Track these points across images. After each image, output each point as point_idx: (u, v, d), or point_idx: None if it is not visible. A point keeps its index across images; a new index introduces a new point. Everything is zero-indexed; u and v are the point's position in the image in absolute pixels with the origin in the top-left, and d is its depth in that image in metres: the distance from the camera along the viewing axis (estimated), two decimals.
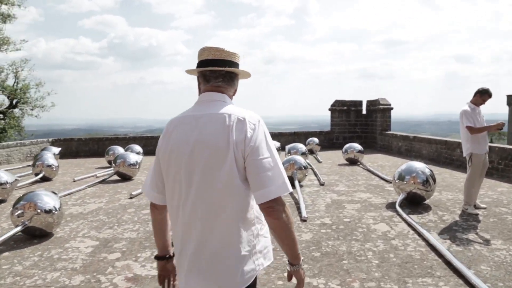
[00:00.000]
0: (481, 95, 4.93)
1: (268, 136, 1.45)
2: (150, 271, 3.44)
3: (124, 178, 8.31)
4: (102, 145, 14.32)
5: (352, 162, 10.07)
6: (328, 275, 3.22)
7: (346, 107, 14.78)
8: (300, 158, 7.37)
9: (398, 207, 5.08)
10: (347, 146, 10.29)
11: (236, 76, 1.56)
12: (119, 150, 11.32)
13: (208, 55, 1.48)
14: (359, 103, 14.89)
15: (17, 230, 4.28)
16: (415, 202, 5.43)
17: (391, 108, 13.70)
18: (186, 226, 1.42)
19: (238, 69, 1.53)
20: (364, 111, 14.87)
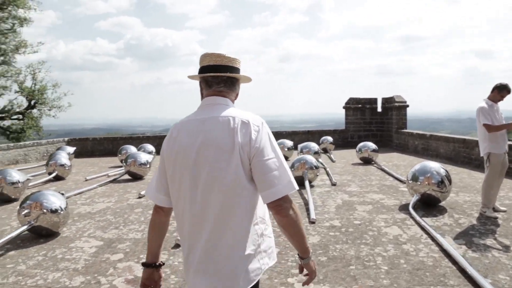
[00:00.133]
0: (499, 91, 4.68)
1: (272, 137, 1.48)
2: None
3: (135, 177, 8.31)
4: (116, 144, 14.45)
5: (366, 161, 9.83)
6: (333, 281, 3.08)
7: (360, 105, 14.49)
8: (311, 158, 7.20)
9: (411, 209, 4.88)
10: (361, 145, 10.05)
11: (237, 81, 1.60)
12: (132, 149, 11.37)
13: (210, 61, 1.52)
14: (374, 100, 14.58)
15: (22, 229, 4.28)
16: (429, 204, 5.20)
17: (407, 106, 13.35)
18: (193, 227, 1.45)
19: (239, 74, 1.57)
20: (379, 109, 14.55)
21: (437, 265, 3.32)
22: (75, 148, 12.53)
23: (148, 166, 8.47)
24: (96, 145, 14.80)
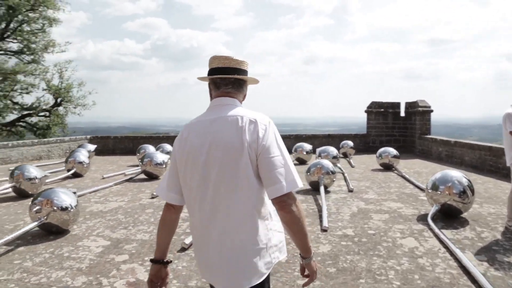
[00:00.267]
0: None
1: (278, 136, 1.54)
2: None
3: (150, 177, 8.34)
4: (136, 143, 14.62)
5: (387, 167, 9.52)
6: None
7: (383, 109, 14.10)
8: (328, 163, 7.01)
9: (430, 220, 4.62)
10: (382, 151, 9.75)
11: (245, 82, 1.65)
12: (150, 149, 11.45)
13: (218, 63, 1.58)
14: (397, 105, 14.16)
15: (32, 226, 4.31)
16: (450, 215, 4.93)
17: (431, 111, 12.87)
18: (205, 223, 1.52)
19: (246, 76, 1.62)
20: (402, 114, 14.12)
21: (454, 282, 3.10)
22: (96, 146, 12.75)
23: (164, 166, 8.48)
24: (117, 143, 15.03)
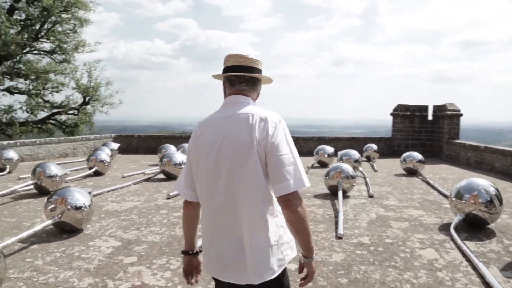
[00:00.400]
0: None
1: (288, 134, 1.55)
2: (159, 281, 3.24)
3: (169, 177, 8.36)
4: (159, 142, 14.79)
5: (411, 172, 9.16)
6: None
7: (409, 112, 13.63)
8: (348, 167, 6.79)
9: (452, 230, 4.36)
10: (406, 155, 9.39)
11: (259, 81, 1.68)
12: (171, 148, 11.55)
13: (234, 61, 1.61)
14: (425, 108, 13.65)
15: (46, 224, 4.37)
16: (475, 225, 4.63)
17: (460, 115, 12.32)
18: (215, 219, 1.55)
19: (261, 74, 1.65)
20: (430, 117, 13.60)
21: None
22: (119, 144, 12.99)
23: (183, 166, 8.49)
24: (140, 142, 15.27)
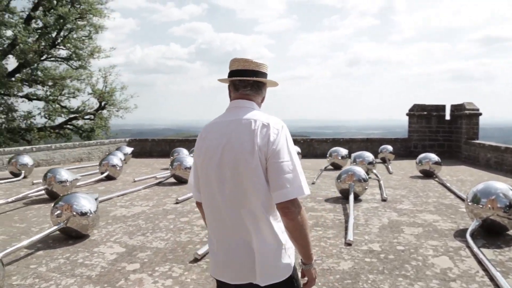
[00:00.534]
0: None
1: (290, 141, 1.55)
2: None
3: (180, 181, 8.32)
4: (173, 146, 14.83)
5: (427, 174, 8.88)
6: None
7: (426, 112, 13.27)
8: (360, 169, 6.61)
9: (469, 237, 4.14)
10: (422, 157, 9.11)
11: (264, 85, 1.68)
12: (183, 152, 11.54)
13: (238, 65, 1.62)
14: (442, 107, 13.26)
15: (51, 230, 4.37)
16: (493, 231, 4.40)
17: (479, 114, 11.91)
18: (220, 222, 1.56)
19: (265, 79, 1.64)
20: (447, 117, 13.21)
21: None
22: (132, 148, 13.09)
23: None
24: (154, 146, 15.36)
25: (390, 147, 12.00)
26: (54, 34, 19.53)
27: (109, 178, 8.85)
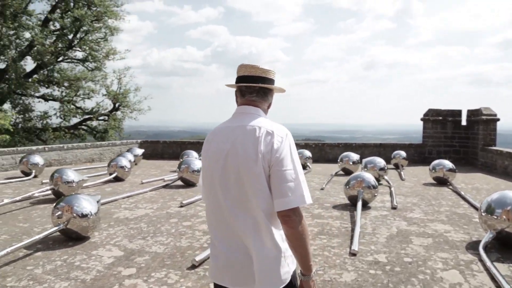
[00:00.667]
0: None
1: (294, 149, 1.55)
2: None
3: (187, 184, 8.26)
4: (184, 148, 14.82)
5: (441, 182, 8.58)
6: None
7: (441, 117, 12.92)
8: (370, 176, 6.41)
9: (481, 250, 3.92)
10: (436, 163, 8.82)
11: (270, 91, 1.67)
12: (193, 155, 11.52)
13: (245, 71, 1.62)
14: (458, 112, 12.88)
15: (51, 231, 4.33)
16: (509, 245, 4.16)
17: (497, 119, 11.49)
18: (222, 226, 1.57)
19: (271, 85, 1.63)
20: (463, 122, 12.83)
21: None
22: (143, 150, 13.13)
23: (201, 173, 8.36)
24: (165, 148, 15.38)
25: (403, 153, 11.71)
26: (70, 36, 19.85)
27: (117, 180, 8.85)
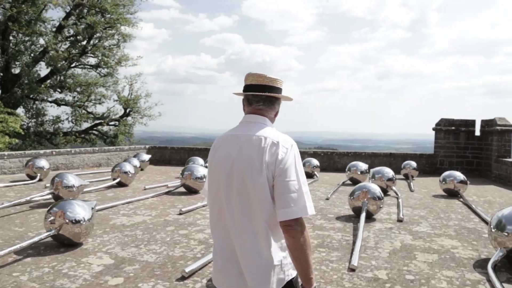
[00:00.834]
0: None
1: (298, 160, 1.57)
2: None
3: (190, 191, 8.14)
4: (192, 154, 14.77)
5: (451, 194, 8.27)
6: None
7: (454, 127, 12.57)
8: (375, 187, 6.19)
9: (490, 269, 3.67)
10: (446, 174, 8.52)
11: (277, 100, 1.69)
12: (199, 161, 11.44)
13: (252, 80, 1.64)
14: (471, 122, 12.52)
15: (42, 237, 4.24)
16: None
17: None
18: (224, 233, 1.60)
19: (278, 94, 1.66)
20: (477, 133, 12.45)
21: None
22: (150, 156, 13.10)
23: (204, 180, 8.24)
24: (173, 154, 15.34)
25: (414, 163, 11.39)
26: (84, 42, 20.14)
27: (120, 185, 8.79)
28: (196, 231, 5.10)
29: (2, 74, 18.61)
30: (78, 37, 19.39)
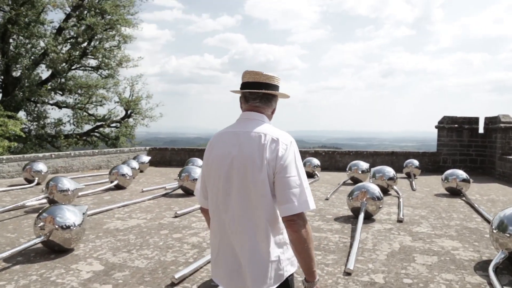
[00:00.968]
0: None
1: (298, 156, 1.59)
2: None
3: (187, 192, 8.04)
4: (192, 155, 14.69)
5: (454, 193, 8.11)
6: None
7: (457, 125, 12.39)
8: (374, 187, 6.06)
9: (491, 272, 3.53)
10: (449, 173, 8.36)
11: (274, 97, 1.70)
12: (198, 162, 11.33)
13: (249, 78, 1.65)
14: (475, 120, 12.33)
15: (31, 243, 4.15)
16: None
17: None
18: (223, 232, 1.61)
19: (275, 91, 1.66)
20: (481, 130, 12.26)
21: None
22: (149, 157, 13.03)
23: None
24: (174, 155, 15.27)
25: (416, 162, 11.23)
26: (84, 44, 20.11)
27: (118, 188, 8.71)
28: (190, 234, 5.00)
29: (2, 77, 18.63)
30: (78, 39, 19.35)
